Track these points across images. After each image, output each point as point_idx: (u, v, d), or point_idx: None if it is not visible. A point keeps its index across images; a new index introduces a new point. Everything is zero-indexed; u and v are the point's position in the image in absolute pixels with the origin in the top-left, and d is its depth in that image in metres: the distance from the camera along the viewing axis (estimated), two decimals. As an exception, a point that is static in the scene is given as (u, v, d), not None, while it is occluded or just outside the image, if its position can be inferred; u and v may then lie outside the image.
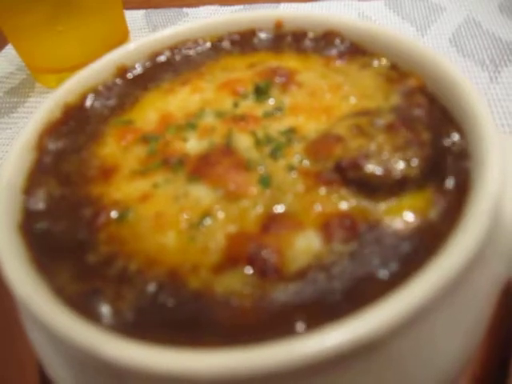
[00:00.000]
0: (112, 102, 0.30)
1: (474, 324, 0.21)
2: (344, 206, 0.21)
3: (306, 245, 0.20)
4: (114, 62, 0.31)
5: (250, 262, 0.20)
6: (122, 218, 0.23)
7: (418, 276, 0.17)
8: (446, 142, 0.23)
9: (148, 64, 0.32)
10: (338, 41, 0.31)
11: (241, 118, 0.27)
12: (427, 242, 0.20)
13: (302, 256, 0.20)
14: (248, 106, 0.28)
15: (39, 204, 0.24)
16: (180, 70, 0.32)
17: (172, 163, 0.24)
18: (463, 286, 0.18)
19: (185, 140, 0.26)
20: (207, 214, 0.22)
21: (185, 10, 0.79)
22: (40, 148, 0.26)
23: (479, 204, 0.19)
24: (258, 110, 0.27)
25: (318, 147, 0.24)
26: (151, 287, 0.20)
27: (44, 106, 0.27)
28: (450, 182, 0.22)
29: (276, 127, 0.26)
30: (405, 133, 0.23)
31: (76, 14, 0.58)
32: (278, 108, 0.27)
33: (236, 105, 0.28)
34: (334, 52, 0.31)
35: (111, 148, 0.27)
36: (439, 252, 0.18)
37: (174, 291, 0.19)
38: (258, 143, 0.25)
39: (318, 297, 0.19)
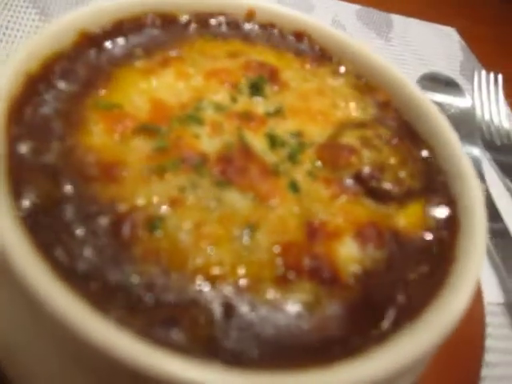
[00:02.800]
0: (81, 76, 0.24)
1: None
2: (368, 213, 0.24)
3: (348, 252, 0.22)
4: (75, 25, 0.25)
5: (311, 273, 0.20)
6: (153, 228, 0.20)
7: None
8: (422, 154, 0.28)
9: (113, 34, 0.27)
10: (306, 42, 0.32)
11: (246, 117, 0.26)
12: (435, 247, 0.23)
13: (349, 263, 0.21)
14: (246, 102, 0.27)
15: (31, 207, 0.18)
16: (149, 46, 0.28)
17: (193, 163, 0.22)
18: None
19: (196, 137, 0.23)
20: (250, 223, 0.21)
21: None
22: (8, 134, 0.20)
23: (478, 219, 0.23)
24: (259, 109, 0.27)
25: (333, 155, 0.25)
26: (221, 307, 0.18)
27: (5, 76, 0.20)
28: (437, 194, 0.26)
29: (282, 129, 0.26)
30: (403, 148, 0.26)
31: None
32: (278, 108, 0.27)
33: (234, 100, 0.26)
34: (306, 52, 0.32)
35: (102, 138, 0.22)
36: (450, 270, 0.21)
37: (249, 307, 0.18)
38: (273, 146, 0.25)
39: (380, 299, 0.21)
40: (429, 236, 0.24)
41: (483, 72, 0.72)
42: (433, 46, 0.85)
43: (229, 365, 0.16)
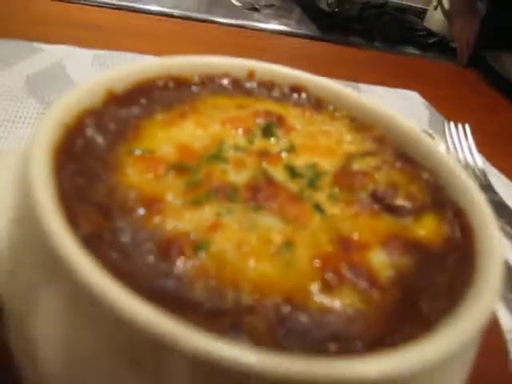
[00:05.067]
0: (111, 129, 0.26)
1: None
2: (389, 226, 0.25)
3: (380, 260, 0.23)
4: (103, 86, 0.28)
5: (352, 279, 0.21)
6: (198, 249, 0.21)
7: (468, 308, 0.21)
8: (424, 176, 0.30)
9: (135, 93, 0.30)
10: (303, 95, 0.36)
11: (264, 154, 0.28)
12: (455, 257, 0.25)
13: (383, 269, 0.23)
14: (261, 143, 0.29)
15: (87, 236, 0.19)
16: (166, 102, 0.31)
17: (225, 193, 0.24)
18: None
19: (224, 172, 0.25)
20: (286, 240, 0.22)
21: (36, 44, 0.71)
22: (58, 171, 0.21)
23: (493, 243, 0.25)
24: (274, 147, 0.29)
25: (348, 180, 0.27)
26: (276, 314, 0.19)
27: (48, 123, 0.22)
28: (446, 208, 0.28)
29: (298, 163, 0.28)
30: (407, 170, 0.29)
31: None
32: (291, 147, 0.29)
33: (251, 141, 0.29)
34: (304, 103, 0.35)
35: (139, 178, 0.24)
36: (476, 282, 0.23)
37: (299, 316, 0.19)
38: (293, 177, 0.27)
39: (406, 301, 0.22)
40: (448, 241, 0.25)
41: (451, 123, 0.79)
42: (399, 107, 0.92)
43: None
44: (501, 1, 1.45)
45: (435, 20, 2.52)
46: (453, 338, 0.18)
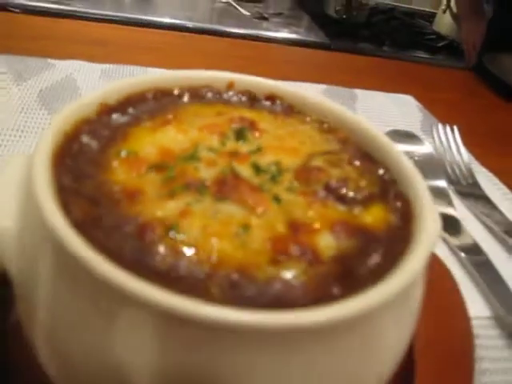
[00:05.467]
0: (104, 135, 0.31)
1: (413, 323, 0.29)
2: (338, 214, 0.29)
3: (326, 242, 0.27)
4: (97, 99, 0.33)
5: (299, 254, 0.26)
6: (171, 230, 0.25)
7: (397, 273, 0.25)
8: (379, 172, 0.34)
9: (125, 104, 0.35)
10: (277, 102, 0.41)
11: (234, 154, 0.32)
12: (395, 240, 0.29)
13: (327, 249, 0.27)
14: (233, 145, 0.34)
15: (77, 220, 0.24)
16: (153, 112, 0.36)
17: (196, 186, 0.28)
18: (415, 287, 0.27)
19: (196, 169, 0.30)
20: (245, 224, 0.27)
21: (50, 60, 0.78)
22: (56, 170, 0.26)
23: (426, 223, 0.29)
24: (243, 149, 0.34)
25: (307, 175, 0.32)
26: (227, 285, 0.23)
27: (50, 131, 0.27)
28: (394, 199, 0.32)
29: (263, 161, 0.33)
30: (362, 166, 0.33)
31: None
32: (258, 148, 0.34)
33: (223, 144, 0.33)
34: (277, 109, 0.40)
35: (124, 175, 0.29)
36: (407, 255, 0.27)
37: (248, 283, 0.24)
38: (257, 173, 0.31)
39: (345, 272, 0.26)
40: (390, 227, 0.29)
41: (439, 125, 0.82)
42: (393, 110, 0.96)
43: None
44: (508, 3, 1.47)
45: (444, 23, 2.52)
46: (382, 292, 0.22)
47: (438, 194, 0.66)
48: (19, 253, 0.26)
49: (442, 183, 0.68)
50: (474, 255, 0.56)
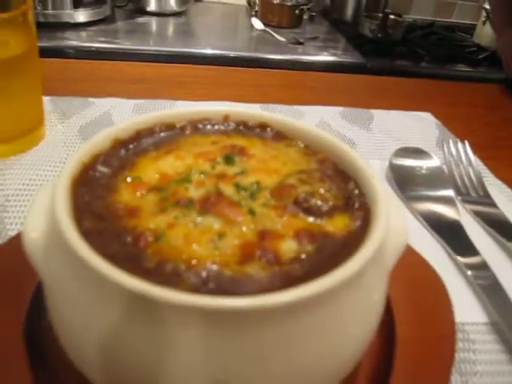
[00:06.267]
0: (115, 164, 0.39)
1: (372, 313, 0.34)
2: (304, 223, 0.35)
3: (288, 246, 0.33)
4: (111, 135, 0.40)
5: (261, 256, 0.31)
6: (160, 238, 0.32)
7: (345, 264, 0.30)
8: (350, 187, 0.39)
9: (135, 139, 0.42)
10: (268, 129, 0.47)
11: (221, 176, 0.39)
12: (351, 242, 0.34)
13: (288, 253, 0.32)
14: (222, 169, 0.40)
15: (87, 231, 0.31)
16: (158, 143, 0.43)
17: (184, 203, 0.35)
18: (366, 276, 0.32)
19: (186, 189, 0.37)
20: (220, 233, 0.33)
21: (90, 99, 0.89)
22: (73, 192, 0.34)
23: (379, 224, 0.34)
24: (230, 171, 0.40)
25: (280, 191, 0.37)
26: (199, 278, 0.29)
27: (72, 162, 0.35)
28: (358, 209, 0.37)
29: (246, 181, 0.39)
30: (331, 182, 0.38)
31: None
32: (244, 170, 0.40)
33: (213, 168, 0.40)
34: (267, 136, 0.46)
35: (129, 196, 0.36)
36: (358, 250, 0.32)
37: (216, 278, 0.29)
38: (238, 191, 0.37)
39: (300, 272, 0.31)
40: (350, 232, 0.34)
41: (450, 140, 0.85)
42: (410, 127, 0.99)
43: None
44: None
45: (484, 35, 2.49)
46: (334, 276, 0.28)
47: (445, 204, 0.69)
48: (45, 259, 0.33)
49: (449, 193, 0.71)
50: (471, 256, 0.58)
